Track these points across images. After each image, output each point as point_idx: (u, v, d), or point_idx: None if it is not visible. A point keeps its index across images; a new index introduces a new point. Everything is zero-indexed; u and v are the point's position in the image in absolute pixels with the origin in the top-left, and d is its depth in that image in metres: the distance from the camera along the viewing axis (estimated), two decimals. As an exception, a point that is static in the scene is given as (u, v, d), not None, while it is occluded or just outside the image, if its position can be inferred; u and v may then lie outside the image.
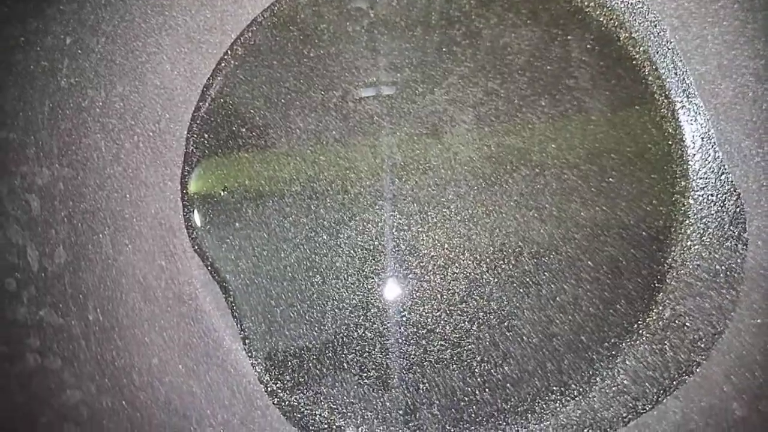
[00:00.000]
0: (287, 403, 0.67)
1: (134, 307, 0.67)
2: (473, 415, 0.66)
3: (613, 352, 0.65)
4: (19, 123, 0.65)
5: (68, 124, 0.67)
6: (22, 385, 0.62)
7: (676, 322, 0.64)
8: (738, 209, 0.65)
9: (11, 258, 0.64)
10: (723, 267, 0.65)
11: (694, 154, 0.67)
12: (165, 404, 0.66)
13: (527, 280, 0.66)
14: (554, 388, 0.65)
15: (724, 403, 0.62)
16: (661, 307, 0.65)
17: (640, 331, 0.65)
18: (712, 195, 0.66)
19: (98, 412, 0.63)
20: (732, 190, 0.66)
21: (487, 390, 0.66)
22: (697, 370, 0.63)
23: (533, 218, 0.67)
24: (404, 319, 0.67)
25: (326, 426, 0.67)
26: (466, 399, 0.66)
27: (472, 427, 0.66)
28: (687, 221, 0.66)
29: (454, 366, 0.66)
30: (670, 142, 0.68)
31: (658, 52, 0.69)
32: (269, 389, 0.68)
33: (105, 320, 0.66)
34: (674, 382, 0.64)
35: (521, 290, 0.66)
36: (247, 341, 0.68)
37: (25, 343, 0.62)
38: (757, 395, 0.61)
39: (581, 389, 0.65)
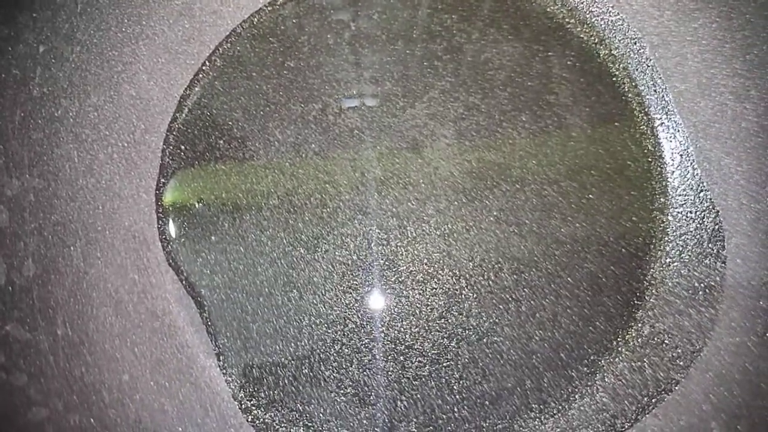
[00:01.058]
0: (262, 420, 0.66)
1: (105, 321, 0.66)
2: (451, 433, 0.65)
3: (593, 370, 0.65)
4: (-12, 132, 0.65)
5: (40, 134, 0.66)
6: (-15, 403, 0.60)
7: (656, 339, 0.64)
8: (717, 226, 0.66)
9: (-23, 271, 0.63)
10: (702, 284, 0.65)
11: (673, 171, 0.68)
12: (135, 422, 0.64)
13: (507, 296, 0.66)
14: (533, 405, 0.65)
15: (703, 422, 0.62)
16: (640, 325, 0.65)
17: (620, 349, 0.65)
18: (691, 212, 0.67)
19: (65, 431, 0.62)
20: (711, 207, 0.66)
21: (465, 407, 0.65)
22: (676, 388, 0.63)
23: (513, 234, 0.67)
24: (382, 334, 0.67)
25: (302, 444, 0.66)
26: (445, 416, 0.65)
27: (450, 446, 0.65)
28: (666, 238, 0.67)
29: (433, 383, 0.66)
30: (649, 159, 0.68)
31: (638, 70, 0.70)
32: (244, 406, 0.67)
33: (74, 335, 0.64)
34: (653, 400, 0.64)
35: (500, 306, 0.66)
36: (221, 357, 0.67)
37: (-10, 358, 0.61)
38: (736, 415, 0.61)
39: (560, 407, 0.65)
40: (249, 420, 0.66)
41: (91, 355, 0.65)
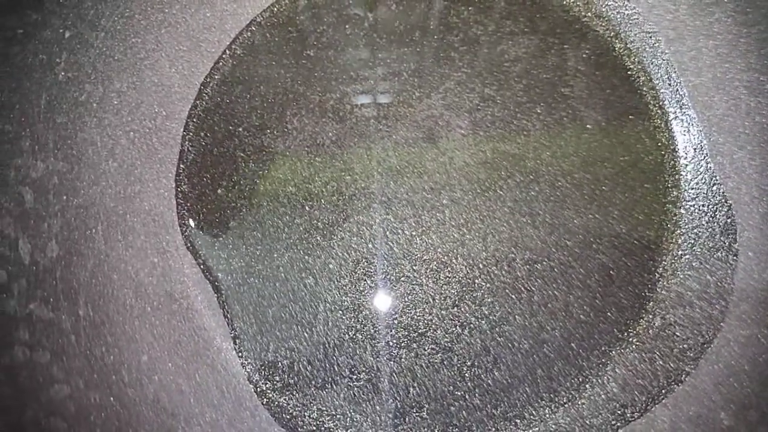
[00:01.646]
0: (276, 404, 0.67)
1: (125, 303, 0.67)
2: (463, 420, 0.65)
3: (603, 360, 0.65)
4: (15, 115, 0.65)
5: (64, 118, 0.67)
6: (9, 378, 0.61)
7: (666, 331, 0.65)
8: (729, 220, 0.66)
9: (3, 250, 0.63)
10: (713, 277, 0.65)
11: (687, 165, 0.68)
12: (153, 402, 0.65)
13: (519, 286, 0.66)
14: (544, 394, 0.65)
15: (712, 412, 0.62)
16: (651, 316, 0.65)
17: (630, 340, 0.65)
18: (703, 205, 0.67)
19: (86, 408, 0.63)
20: (723, 200, 0.66)
21: (477, 395, 0.65)
22: (686, 379, 0.63)
23: (526, 225, 0.67)
24: (396, 322, 0.67)
25: (315, 428, 0.67)
26: (456, 404, 0.65)
27: (462, 432, 0.66)
28: (678, 231, 0.67)
29: (445, 370, 0.66)
30: (663, 153, 0.68)
31: (652, 64, 0.70)
32: (259, 390, 0.67)
33: (95, 315, 0.65)
34: (663, 391, 0.64)
35: (513, 296, 0.66)
36: (237, 341, 0.68)
37: (14, 336, 0.62)
38: (745, 405, 0.61)
39: (571, 396, 0.65)
40: (264, 403, 0.67)
41: (111, 336, 0.65)
